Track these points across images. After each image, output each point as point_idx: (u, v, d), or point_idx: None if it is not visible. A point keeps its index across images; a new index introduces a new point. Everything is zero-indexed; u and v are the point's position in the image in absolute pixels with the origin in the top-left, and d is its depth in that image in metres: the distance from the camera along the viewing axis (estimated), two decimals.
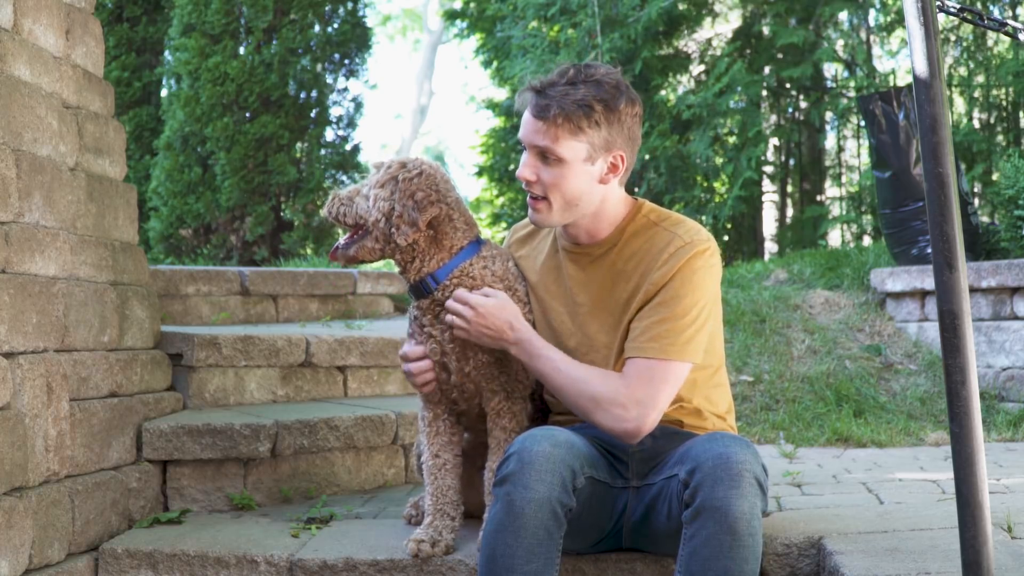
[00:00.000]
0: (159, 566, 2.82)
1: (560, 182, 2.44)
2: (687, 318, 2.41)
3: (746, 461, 2.16)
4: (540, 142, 2.43)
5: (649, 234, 2.51)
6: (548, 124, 2.41)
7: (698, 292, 2.43)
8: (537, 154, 2.45)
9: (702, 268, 2.44)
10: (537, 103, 2.43)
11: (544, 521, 2.20)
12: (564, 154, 2.42)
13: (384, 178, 2.62)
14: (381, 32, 24.31)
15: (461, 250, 2.63)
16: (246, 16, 8.64)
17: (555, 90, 2.42)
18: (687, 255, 2.43)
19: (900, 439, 4.64)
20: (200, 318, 4.87)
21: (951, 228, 2.01)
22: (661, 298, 2.42)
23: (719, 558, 2.11)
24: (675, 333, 2.39)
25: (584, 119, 2.40)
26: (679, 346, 2.40)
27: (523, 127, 2.47)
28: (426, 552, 2.62)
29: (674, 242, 2.46)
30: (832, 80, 10.00)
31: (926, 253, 5.84)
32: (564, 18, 8.79)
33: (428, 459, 2.74)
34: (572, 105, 2.39)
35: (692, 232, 2.48)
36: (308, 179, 8.71)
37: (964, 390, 2.01)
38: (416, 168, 2.61)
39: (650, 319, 2.42)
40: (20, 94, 2.80)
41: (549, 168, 2.44)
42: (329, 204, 2.69)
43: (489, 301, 2.50)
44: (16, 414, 2.59)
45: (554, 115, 2.39)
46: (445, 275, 2.61)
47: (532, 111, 2.44)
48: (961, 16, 2.22)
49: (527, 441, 2.26)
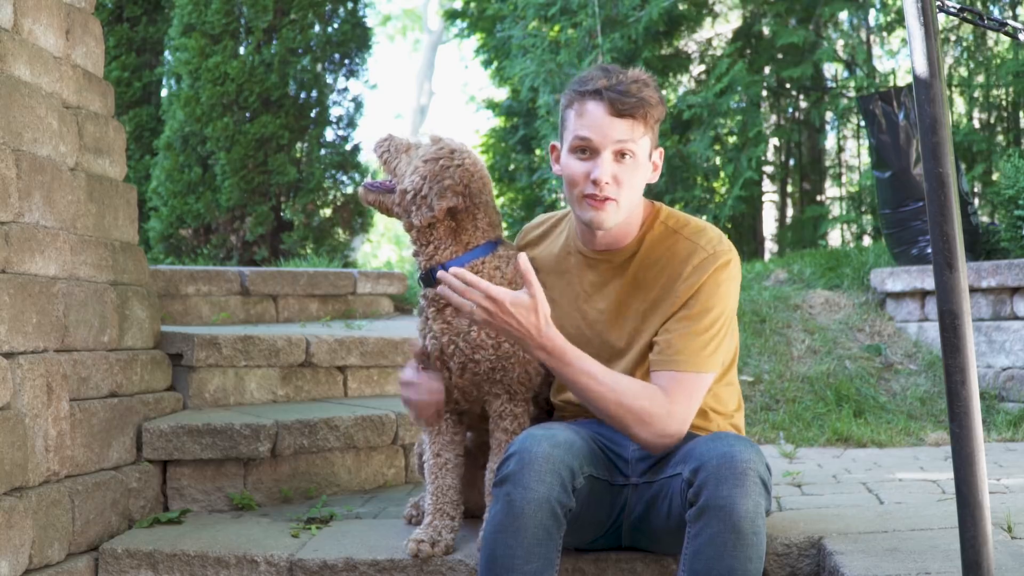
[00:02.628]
0: (159, 566, 2.82)
1: (632, 179, 2.43)
2: (712, 330, 2.42)
3: (751, 460, 2.16)
4: (624, 137, 2.39)
5: (670, 243, 2.50)
6: (631, 120, 2.39)
7: (722, 303, 2.44)
8: (615, 152, 2.41)
9: (727, 280, 2.45)
10: (617, 100, 2.38)
11: (544, 521, 2.20)
12: (639, 150, 2.42)
13: (431, 155, 2.66)
14: (381, 32, 24.30)
15: (476, 247, 2.65)
16: (246, 16, 8.63)
17: (627, 87, 2.39)
18: (712, 267, 2.44)
19: (900, 439, 4.64)
20: (200, 318, 4.87)
21: (951, 228, 2.01)
22: (688, 310, 2.42)
23: (723, 557, 2.11)
24: (703, 345, 2.41)
25: (656, 112, 2.42)
26: (706, 358, 2.41)
27: (594, 128, 2.39)
28: (426, 552, 2.62)
29: (697, 253, 2.46)
30: (832, 80, 9.99)
31: (926, 253, 5.84)
32: (564, 18, 8.79)
33: (429, 458, 2.74)
34: (649, 100, 2.40)
35: (715, 242, 2.48)
36: (308, 179, 8.71)
37: (964, 390, 2.01)
38: (459, 159, 2.65)
39: (677, 332, 2.42)
40: (20, 94, 2.80)
41: (623, 166, 2.42)
42: (383, 142, 2.75)
43: (523, 298, 2.27)
44: (16, 414, 2.59)
45: (638, 112, 2.39)
46: (462, 264, 2.62)
47: (610, 109, 2.39)
48: (961, 16, 2.22)
49: (527, 441, 2.26)
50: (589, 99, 2.42)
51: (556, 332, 2.32)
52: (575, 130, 2.43)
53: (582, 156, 2.43)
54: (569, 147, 2.45)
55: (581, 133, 2.41)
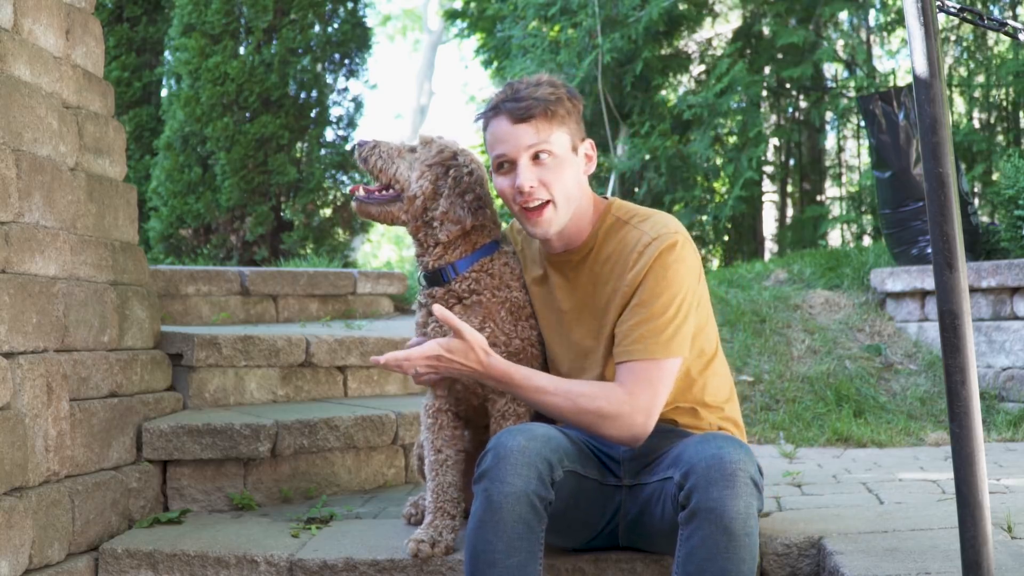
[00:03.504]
0: (159, 566, 2.82)
1: (559, 175, 2.46)
2: (667, 314, 2.40)
3: (740, 461, 2.16)
4: (532, 140, 2.44)
5: (621, 234, 2.52)
6: (533, 122, 2.44)
7: (674, 286, 2.42)
8: (531, 158, 2.45)
9: (674, 262, 2.43)
10: (514, 108, 2.45)
11: (522, 514, 2.20)
12: (556, 147, 2.45)
13: (434, 160, 2.66)
14: (381, 32, 24.31)
15: (483, 246, 2.68)
16: (246, 16, 8.63)
17: (523, 93, 2.46)
18: (656, 251, 2.43)
19: (900, 439, 4.64)
20: (200, 318, 4.87)
21: (951, 228, 2.01)
22: (638, 299, 2.43)
23: (715, 559, 2.11)
24: (658, 331, 2.40)
25: (559, 106, 2.45)
26: (663, 343, 2.40)
27: (504, 142, 2.47)
28: (425, 552, 2.62)
29: (642, 240, 2.46)
30: (832, 80, 9.99)
31: (926, 253, 5.84)
32: (564, 18, 8.79)
33: (430, 454, 2.74)
34: (544, 99, 2.44)
35: (659, 227, 2.48)
36: (308, 179, 8.71)
37: (964, 390, 2.01)
38: (467, 165, 2.66)
39: (632, 321, 2.42)
40: (20, 94, 2.80)
41: (544, 167, 2.45)
42: (365, 148, 2.68)
43: (453, 342, 2.43)
44: (16, 414, 2.60)
45: (537, 112, 2.43)
46: (466, 267, 2.65)
47: (511, 119, 2.46)
48: (961, 16, 2.22)
49: (503, 437, 2.28)
50: (492, 117, 2.50)
51: (498, 359, 2.44)
52: (491, 149, 2.51)
53: (504, 172, 2.49)
54: (493, 167, 2.52)
55: (495, 150, 2.49)
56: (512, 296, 2.65)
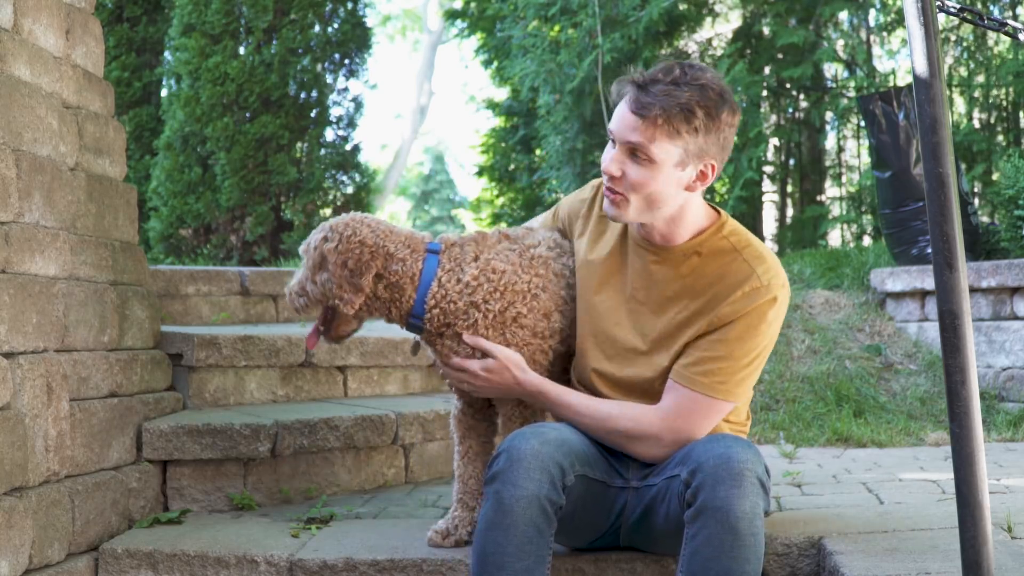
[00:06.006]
0: (159, 566, 2.82)
1: (646, 183, 2.33)
2: (744, 361, 2.36)
3: (748, 461, 2.16)
4: (634, 139, 2.30)
5: (727, 259, 2.41)
6: (646, 123, 2.28)
7: (762, 338, 2.37)
8: (627, 150, 2.34)
9: (773, 318, 2.38)
10: (637, 99, 2.30)
11: (533, 518, 2.20)
12: (656, 155, 2.30)
13: (316, 260, 2.58)
14: (381, 32, 24.32)
15: (420, 273, 2.56)
16: (246, 16, 8.64)
17: (658, 88, 2.29)
18: (760, 300, 2.35)
19: (900, 439, 4.64)
20: (200, 318, 4.87)
21: (951, 228, 2.01)
22: (723, 335, 2.36)
23: (720, 558, 2.11)
24: (729, 374, 2.36)
25: (684, 123, 2.28)
26: (729, 387, 2.37)
27: (617, 120, 2.34)
28: (436, 543, 2.70)
29: (751, 281, 2.36)
30: (832, 80, 10.00)
31: (926, 253, 5.84)
32: (565, 18, 8.79)
33: (456, 445, 2.76)
34: (675, 107, 2.27)
35: (771, 275, 2.38)
36: (308, 179, 8.72)
37: (964, 390, 2.01)
38: (335, 235, 2.55)
39: (707, 352, 2.37)
40: (20, 94, 2.80)
41: (637, 166, 2.33)
42: (289, 301, 2.66)
43: (490, 363, 2.50)
44: (16, 414, 2.60)
45: (654, 115, 2.27)
46: (422, 307, 2.56)
47: (630, 106, 2.31)
48: (961, 16, 2.22)
49: (516, 439, 2.27)
50: (625, 88, 2.36)
51: (533, 376, 2.52)
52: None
53: (611, 146, 2.39)
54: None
55: (611, 121, 2.38)
56: (481, 314, 2.55)
